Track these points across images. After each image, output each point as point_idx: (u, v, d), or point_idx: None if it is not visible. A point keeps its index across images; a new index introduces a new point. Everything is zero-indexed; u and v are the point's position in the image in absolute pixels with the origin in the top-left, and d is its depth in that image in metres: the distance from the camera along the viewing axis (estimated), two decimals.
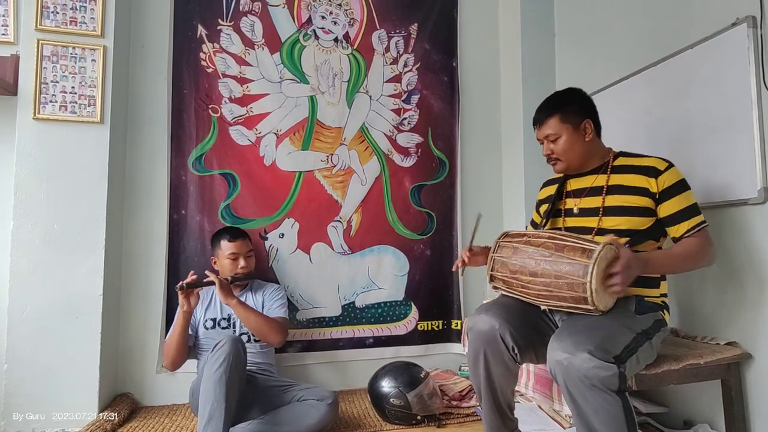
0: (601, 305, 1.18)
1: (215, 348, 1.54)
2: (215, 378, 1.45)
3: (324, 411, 1.65)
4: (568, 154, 1.45)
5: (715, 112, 1.56)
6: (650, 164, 1.36)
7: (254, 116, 2.24)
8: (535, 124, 1.52)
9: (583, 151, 1.44)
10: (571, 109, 1.44)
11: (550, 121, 1.45)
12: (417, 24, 2.47)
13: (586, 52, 2.23)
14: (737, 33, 1.48)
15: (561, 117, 1.43)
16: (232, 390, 1.47)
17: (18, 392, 1.78)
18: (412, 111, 2.44)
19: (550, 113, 1.45)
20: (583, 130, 1.43)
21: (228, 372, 1.47)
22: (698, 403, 1.63)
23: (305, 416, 1.63)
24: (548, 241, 1.26)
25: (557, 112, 1.44)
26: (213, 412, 1.42)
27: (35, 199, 1.84)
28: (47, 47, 1.88)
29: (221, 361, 1.48)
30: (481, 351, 1.32)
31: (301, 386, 1.76)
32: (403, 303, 2.38)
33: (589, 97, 1.49)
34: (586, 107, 1.46)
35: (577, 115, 1.43)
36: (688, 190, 1.33)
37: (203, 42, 2.21)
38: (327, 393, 1.71)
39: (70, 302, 1.84)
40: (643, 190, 1.34)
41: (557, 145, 1.45)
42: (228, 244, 1.90)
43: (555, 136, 1.44)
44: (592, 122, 1.44)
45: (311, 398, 1.68)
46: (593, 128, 1.44)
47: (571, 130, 1.43)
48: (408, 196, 2.41)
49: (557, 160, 1.48)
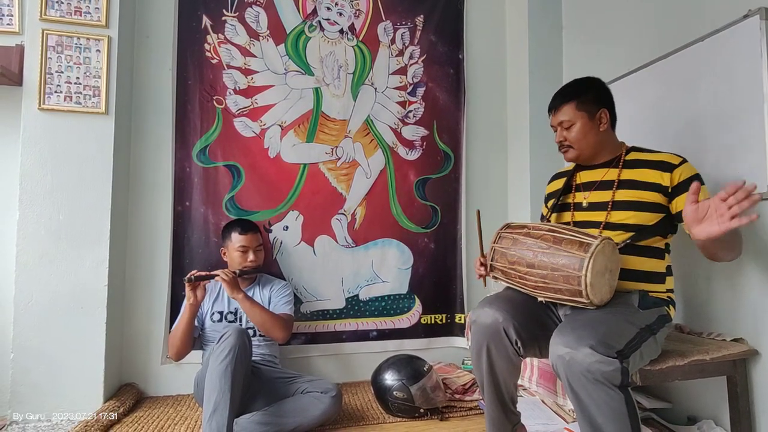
0: (596, 299, 1.18)
1: (221, 339, 1.55)
2: (221, 369, 1.46)
3: (328, 404, 1.66)
4: (580, 142, 1.43)
5: (725, 105, 1.54)
6: (664, 159, 1.34)
7: (259, 108, 2.23)
8: (550, 110, 1.49)
9: (596, 141, 1.43)
10: (589, 97, 1.41)
11: (566, 108, 1.43)
12: (423, 16, 2.45)
13: (594, 44, 2.21)
14: (749, 25, 1.45)
15: (577, 104, 1.41)
16: (237, 381, 1.48)
17: (24, 381, 1.79)
18: (417, 104, 2.43)
19: (566, 99, 1.43)
20: (599, 120, 1.41)
21: (233, 363, 1.47)
22: (702, 399, 1.63)
23: (309, 408, 1.64)
24: (547, 234, 1.26)
25: (574, 99, 1.42)
26: (218, 402, 1.42)
27: (40, 190, 1.84)
28: (52, 37, 1.88)
29: (227, 353, 1.48)
30: (484, 344, 1.32)
31: (305, 378, 1.78)
32: (407, 296, 2.37)
33: (608, 87, 1.46)
34: (604, 97, 1.44)
35: (593, 104, 1.41)
36: (702, 185, 1.30)
37: (208, 33, 2.19)
38: (331, 386, 1.72)
39: (75, 293, 1.85)
40: (656, 186, 1.32)
41: (570, 133, 1.43)
42: (238, 236, 1.90)
43: (569, 123, 1.42)
44: (609, 113, 1.42)
45: (315, 390, 1.69)
46: (609, 119, 1.42)
47: (587, 119, 1.41)
48: (412, 190, 2.40)
49: (569, 148, 1.46)
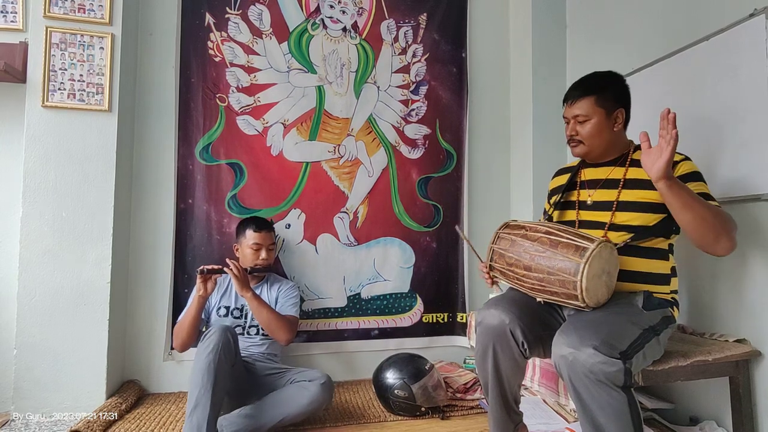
0: (592, 302, 1.19)
1: (205, 336, 1.54)
2: (203, 365, 1.46)
3: (314, 391, 1.61)
4: (593, 139, 1.40)
5: (730, 105, 1.53)
6: None
7: (261, 106, 2.23)
8: (566, 100, 1.44)
9: (609, 140, 1.40)
10: (609, 94, 1.38)
11: (584, 101, 1.38)
12: (426, 14, 2.44)
13: (598, 43, 2.20)
14: (755, 24, 1.44)
15: (597, 99, 1.37)
16: (220, 378, 1.47)
17: (27, 377, 1.80)
18: (420, 102, 2.42)
19: (586, 93, 1.39)
20: (615, 119, 1.39)
21: (216, 360, 1.47)
22: (705, 399, 1.62)
23: (295, 397, 1.61)
24: (544, 236, 1.26)
25: (594, 94, 1.38)
26: (199, 399, 1.42)
27: (44, 187, 1.85)
28: (55, 35, 1.88)
29: (210, 349, 1.48)
30: (490, 345, 1.31)
31: (296, 370, 1.75)
32: (409, 295, 2.37)
33: (628, 86, 1.43)
34: (624, 96, 1.41)
35: (612, 102, 1.38)
36: (702, 181, 1.29)
37: (211, 30, 2.19)
38: (319, 374, 1.68)
39: (78, 290, 1.86)
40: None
41: (584, 128, 1.39)
42: (253, 234, 1.90)
43: (584, 118, 1.39)
44: (625, 112, 1.40)
45: (303, 380, 1.67)
46: (624, 119, 1.40)
47: (603, 116, 1.38)
48: (415, 188, 2.40)
49: (579, 143, 1.42)
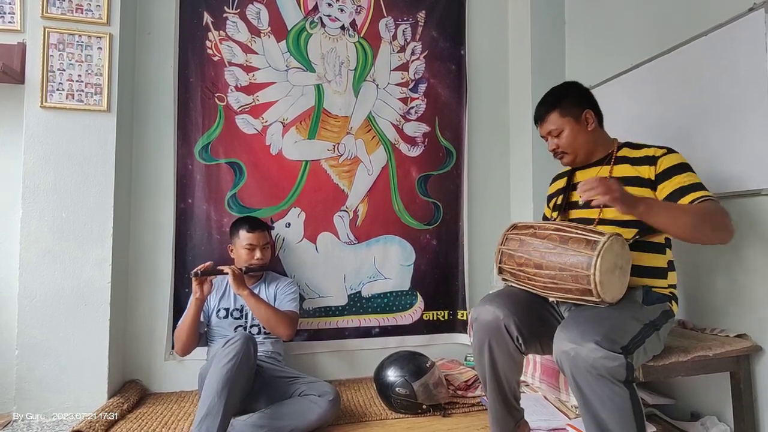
0: (608, 297, 1.17)
1: (227, 343, 1.53)
2: (221, 374, 1.44)
3: (325, 408, 1.63)
4: (573, 146, 1.46)
5: (728, 101, 1.53)
6: (648, 153, 1.36)
7: (260, 105, 2.23)
8: (536, 121, 1.53)
9: (588, 141, 1.46)
10: (570, 101, 1.45)
11: (551, 117, 1.47)
12: (425, 11, 2.44)
13: (597, 39, 2.19)
14: (753, 19, 1.44)
15: (560, 111, 1.45)
16: (236, 389, 1.46)
17: (29, 378, 1.80)
18: (419, 100, 2.42)
19: (549, 109, 1.47)
20: (585, 121, 1.44)
21: (234, 370, 1.46)
22: (705, 394, 1.63)
23: (306, 412, 1.62)
24: (553, 233, 1.26)
25: (556, 107, 1.45)
26: (211, 408, 1.40)
27: (43, 188, 1.85)
28: (53, 35, 1.88)
29: (230, 358, 1.47)
30: (485, 341, 1.32)
31: (305, 380, 1.75)
32: (409, 293, 2.38)
33: (586, 88, 1.50)
34: (584, 98, 1.47)
35: (576, 107, 1.44)
36: (690, 171, 1.29)
37: (209, 30, 2.19)
38: (329, 389, 1.68)
39: (78, 290, 1.86)
40: (642, 180, 1.33)
41: (561, 139, 1.46)
42: (246, 234, 1.90)
43: (558, 131, 1.46)
44: (593, 112, 1.45)
45: (312, 393, 1.67)
46: (594, 118, 1.45)
47: (573, 122, 1.44)
48: (414, 186, 2.39)
49: (563, 154, 1.49)
